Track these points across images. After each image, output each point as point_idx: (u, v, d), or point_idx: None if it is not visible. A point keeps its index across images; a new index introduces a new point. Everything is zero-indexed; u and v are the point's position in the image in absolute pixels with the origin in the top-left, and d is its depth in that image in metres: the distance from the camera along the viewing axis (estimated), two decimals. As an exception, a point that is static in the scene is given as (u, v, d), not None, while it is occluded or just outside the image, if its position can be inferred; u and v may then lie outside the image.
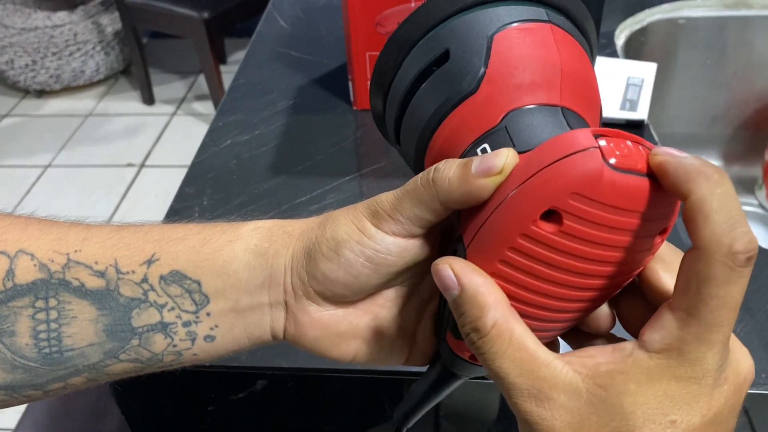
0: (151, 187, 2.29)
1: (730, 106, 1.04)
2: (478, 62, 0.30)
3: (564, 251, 0.26)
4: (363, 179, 0.69)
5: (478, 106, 0.30)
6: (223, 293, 0.33)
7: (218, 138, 0.76)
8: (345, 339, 0.34)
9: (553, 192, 0.25)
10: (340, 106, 0.80)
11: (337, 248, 0.31)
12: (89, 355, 0.33)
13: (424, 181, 0.29)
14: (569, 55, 0.31)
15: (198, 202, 0.66)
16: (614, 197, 0.24)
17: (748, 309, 0.52)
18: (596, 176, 0.24)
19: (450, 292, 0.28)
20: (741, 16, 0.97)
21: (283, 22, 0.99)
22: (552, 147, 0.25)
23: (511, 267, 0.27)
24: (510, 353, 0.26)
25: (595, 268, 0.26)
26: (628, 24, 0.95)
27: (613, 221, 0.25)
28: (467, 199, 0.28)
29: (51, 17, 2.59)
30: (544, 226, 0.25)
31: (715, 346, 0.24)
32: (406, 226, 0.30)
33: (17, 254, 0.33)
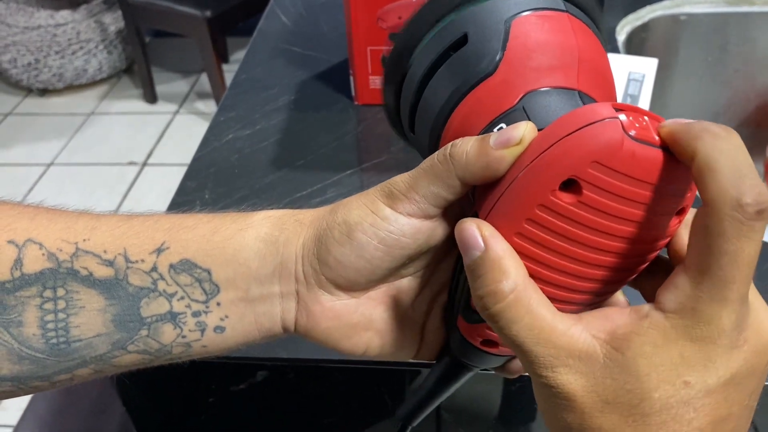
0: (153, 185, 2.30)
1: (731, 103, 1.04)
2: (497, 45, 0.30)
3: (582, 223, 0.25)
4: (364, 174, 0.69)
5: (495, 87, 0.30)
6: (233, 282, 0.33)
7: (220, 133, 0.76)
8: (357, 330, 0.34)
9: (574, 160, 0.25)
10: (342, 101, 0.80)
11: (350, 232, 0.31)
12: (97, 345, 0.33)
13: (441, 157, 0.29)
14: (585, 43, 0.31)
15: (200, 195, 0.67)
16: (633, 167, 0.24)
17: (748, 302, 0.52)
18: (617, 145, 0.24)
19: (471, 252, 0.27)
20: (742, 13, 0.97)
21: (284, 18, 0.99)
22: (572, 117, 0.25)
23: (527, 240, 0.27)
24: (528, 321, 0.26)
25: (612, 244, 0.26)
26: (630, 20, 0.95)
27: (630, 193, 0.25)
28: (485, 172, 0.28)
29: (54, 16, 2.59)
30: (563, 196, 0.25)
31: (730, 304, 0.24)
32: (421, 205, 0.30)
33: (26, 243, 0.32)
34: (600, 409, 0.25)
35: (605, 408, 0.25)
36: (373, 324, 0.34)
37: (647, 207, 0.25)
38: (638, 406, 0.25)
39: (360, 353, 0.34)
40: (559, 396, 0.26)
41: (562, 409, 0.26)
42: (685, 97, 1.04)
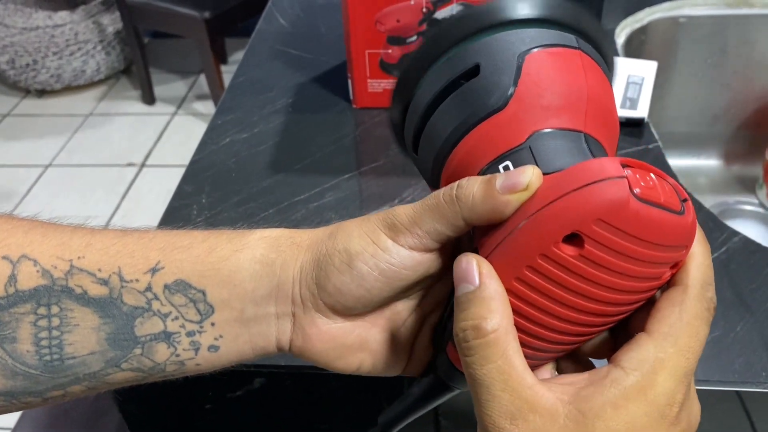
0: (152, 186, 2.29)
1: (731, 106, 1.04)
2: (508, 80, 0.31)
3: (580, 275, 0.26)
4: (362, 177, 0.68)
5: (503, 123, 0.30)
6: (228, 303, 0.33)
7: (217, 136, 0.75)
8: (351, 351, 0.34)
9: (579, 216, 0.25)
10: (340, 104, 0.79)
11: (350, 261, 0.31)
12: (90, 363, 0.32)
13: (447, 197, 0.29)
14: (595, 83, 0.32)
15: (197, 199, 0.66)
16: (637, 227, 0.25)
17: (749, 308, 0.52)
18: (622, 205, 0.25)
19: (464, 285, 0.28)
20: (742, 15, 0.97)
21: (282, 20, 0.99)
22: (580, 172, 0.26)
23: (525, 285, 0.27)
24: (500, 365, 0.26)
25: (606, 295, 0.27)
26: (629, 22, 0.95)
27: (631, 250, 0.26)
28: (491, 215, 0.28)
29: (52, 17, 2.59)
30: (565, 248, 0.26)
31: (684, 377, 0.26)
32: (423, 240, 0.30)
33: (20, 259, 0.32)
34: None
35: None
36: (367, 345, 0.34)
37: (645, 263, 0.26)
38: None
39: (352, 371, 0.35)
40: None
41: None
42: (684, 99, 1.03)
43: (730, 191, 1.05)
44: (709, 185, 1.05)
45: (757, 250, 0.57)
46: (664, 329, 0.26)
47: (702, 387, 0.47)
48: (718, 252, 0.57)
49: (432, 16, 0.71)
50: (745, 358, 0.48)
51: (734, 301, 0.53)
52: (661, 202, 0.26)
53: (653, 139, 0.73)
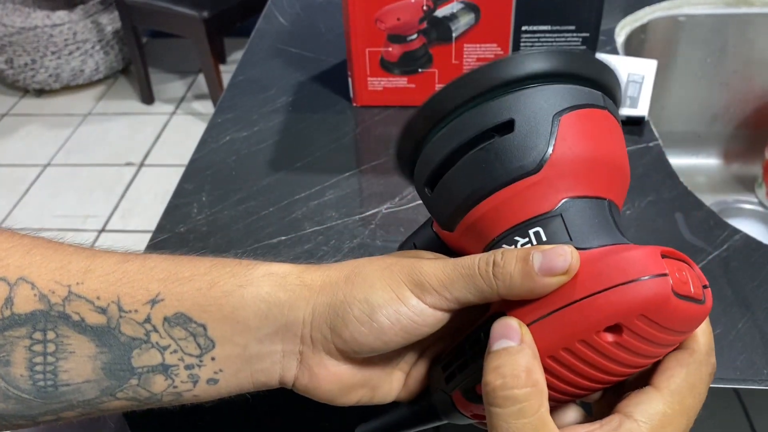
0: (150, 186, 2.29)
1: (730, 105, 1.04)
2: (543, 143, 0.31)
3: (612, 358, 0.28)
4: (362, 175, 0.68)
5: (536, 187, 0.31)
6: (230, 339, 0.32)
7: (217, 134, 0.75)
8: (355, 389, 0.34)
9: (624, 311, 0.27)
10: (340, 103, 0.79)
11: (372, 313, 0.31)
12: (85, 391, 0.32)
13: (484, 273, 0.29)
14: (619, 146, 0.33)
15: (197, 198, 0.66)
16: (671, 321, 0.27)
17: (749, 306, 0.52)
18: (665, 303, 0.27)
19: (504, 341, 0.28)
20: (741, 14, 0.97)
21: (282, 19, 0.99)
22: (625, 265, 0.27)
23: (557, 363, 0.28)
24: (534, 421, 0.27)
25: (628, 371, 0.29)
26: (629, 21, 0.95)
27: (661, 339, 0.28)
28: (529, 295, 0.29)
29: (50, 16, 2.58)
30: (605, 336, 0.27)
31: (684, 429, 0.29)
32: (450, 303, 0.31)
33: (18, 282, 0.32)
34: None
35: None
36: (369, 382, 0.35)
37: (668, 346, 0.29)
38: None
39: (351, 404, 0.35)
40: None
41: None
42: (683, 98, 1.03)
43: (729, 190, 1.05)
44: (709, 184, 1.06)
45: (758, 247, 0.57)
46: (672, 387, 0.29)
47: (703, 384, 0.47)
48: (719, 250, 0.57)
49: (432, 14, 0.71)
50: (746, 356, 0.48)
51: (735, 299, 0.53)
52: (692, 295, 0.27)
53: (653, 137, 0.73)
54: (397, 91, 0.77)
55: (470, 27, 0.72)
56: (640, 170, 0.67)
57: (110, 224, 2.13)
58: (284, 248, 0.60)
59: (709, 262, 0.56)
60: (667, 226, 0.60)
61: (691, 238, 0.59)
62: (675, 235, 0.59)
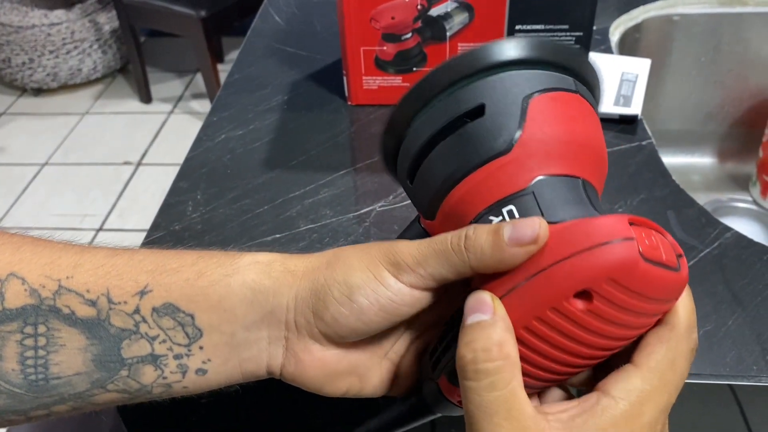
0: (148, 185, 2.29)
1: (725, 104, 1.05)
2: (513, 124, 0.31)
3: (585, 327, 0.28)
4: (357, 174, 0.69)
5: (508, 166, 0.31)
6: (217, 327, 0.33)
7: (212, 133, 0.76)
8: (341, 376, 0.34)
9: (592, 275, 0.27)
10: (335, 102, 0.80)
11: (351, 294, 0.31)
12: (76, 384, 0.32)
13: (456, 247, 0.30)
14: (592, 128, 0.33)
15: (192, 196, 0.66)
16: (642, 285, 0.27)
17: (740, 302, 0.53)
18: (633, 266, 0.27)
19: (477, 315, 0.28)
20: (735, 13, 0.97)
21: (278, 17, 0.99)
22: (592, 230, 0.27)
23: (531, 334, 0.28)
24: (505, 394, 0.27)
25: (606, 343, 0.28)
26: (623, 20, 0.95)
27: (634, 305, 0.27)
28: (499, 266, 0.29)
29: (48, 15, 2.58)
30: (575, 303, 0.27)
31: (665, 410, 0.28)
32: (426, 281, 0.31)
33: (8, 278, 0.32)
34: None
35: None
36: (356, 370, 0.35)
37: (643, 315, 0.28)
38: None
39: (340, 394, 0.35)
40: None
41: None
42: (678, 97, 1.04)
43: (723, 189, 1.05)
44: (703, 183, 1.06)
45: (749, 245, 0.58)
46: (651, 364, 0.28)
47: (694, 381, 0.48)
48: (711, 247, 0.58)
49: (427, 13, 0.71)
50: (736, 352, 0.49)
51: (726, 295, 0.53)
52: (663, 261, 0.27)
53: (647, 136, 0.73)
54: (392, 90, 0.77)
55: (464, 26, 0.72)
56: (632, 168, 0.68)
57: (108, 223, 2.13)
58: (279, 246, 0.60)
59: (700, 259, 0.57)
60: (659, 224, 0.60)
61: (682, 236, 0.59)
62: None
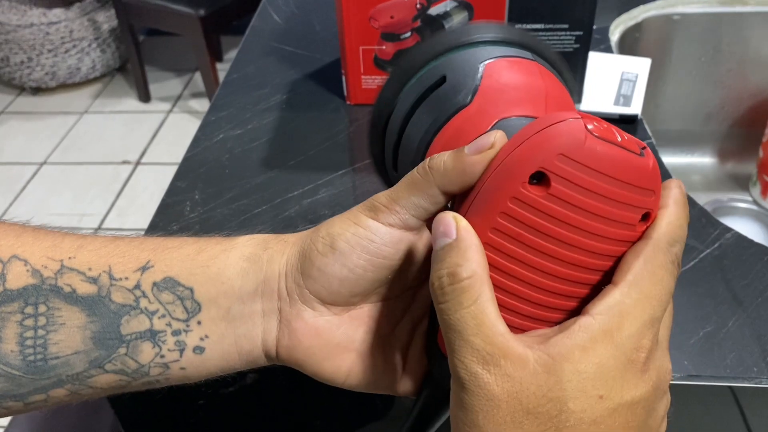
0: (147, 184, 2.29)
1: (725, 103, 1.04)
2: (472, 81, 0.34)
3: (552, 216, 0.27)
4: (356, 174, 0.68)
5: (471, 115, 0.33)
6: (215, 300, 0.33)
7: (211, 132, 0.75)
8: (339, 351, 0.34)
9: (541, 153, 0.27)
10: (334, 101, 0.79)
11: (333, 242, 0.32)
12: (74, 363, 0.32)
13: (421, 169, 0.31)
14: (552, 85, 0.35)
15: (190, 196, 0.66)
16: (597, 161, 0.26)
17: (741, 303, 0.52)
18: (580, 139, 0.26)
19: (442, 239, 0.28)
20: (736, 13, 0.97)
21: (276, 17, 0.99)
22: (539, 121, 0.28)
23: (500, 234, 0.28)
24: (473, 310, 0.27)
25: (580, 239, 0.27)
26: (623, 20, 0.95)
27: (595, 186, 0.27)
28: (462, 178, 0.29)
29: (47, 14, 2.58)
30: (533, 189, 0.27)
31: (651, 323, 0.27)
32: (402, 215, 0.31)
33: (10, 260, 0.32)
34: (519, 419, 0.26)
35: (524, 418, 0.26)
36: (354, 344, 0.34)
37: (613, 202, 0.27)
38: (555, 418, 0.26)
39: (342, 378, 0.34)
40: (480, 397, 0.26)
41: (481, 413, 0.26)
42: (678, 97, 1.04)
43: (723, 189, 1.05)
44: (703, 183, 1.06)
45: (750, 246, 0.58)
46: (629, 278, 0.27)
47: (694, 382, 0.48)
48: (711, 248, 0.58)
49: (426, 12, 0.71)
50: (737, 354, 0.49)
51: (726, 296, 0.53)
52: (618, 142, 0.27)
53: (647, 135, 0.73)
54: (391, 90, 0.77)
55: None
56: (632, 168, 0.68)
57: (107, 222, 2.13)
58: (277, 246, 0.60)
59: (701, 260, 0.56)
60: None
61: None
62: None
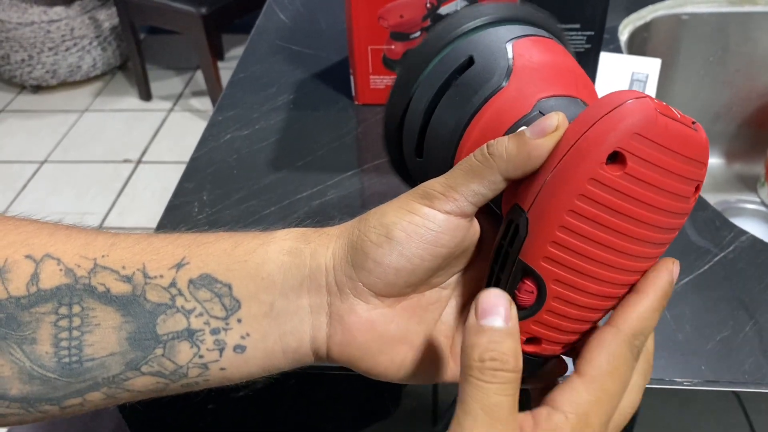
0: (148, 183, 2.28)
1: (733, 103, 1.04)
2: (504, 62, 0.34)
3: (627, 195, 0.27)
4: (364, 174, 0.68)
5: (509, 96, 0.33)
6: (256, 297, 0.32)
7: (218, 133, 0.75)
8: (393, 344, 0.33)
9: (617, 134, 0.27)
10: (341, 101, 0.79)
11: (388, 232, 0.31)
12: (110, 365, 0.31)
13: (480, 156, 0.30)
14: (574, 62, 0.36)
15: (198, 197, 0.66)
16: (667, 139, 0.27)
17: (758, 308, 0.52)
18: (653, 118, 0.27)
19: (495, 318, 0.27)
20: (744, 13, 0.96)
21: (283, 15, 0.98)
22: (606, 100, 0.28)
23: (577, 217, 0.28)
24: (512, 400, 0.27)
25: (650, 215, 0.28)
26: (632, 20, 0.94)
27: (665, 162, 0.27)
28: (526, 163, 0.29)
29: (47, 12, 2.57)
30: (611, 169, 0.27)
31: (609, 419, 0.29)
32: (460, 203, 0.30)
33: (43, 258, 0.31)
34: None
35: None
36: (407, 336, 0.33)
37: (677, 177, 0.28)
38: None
39: (395, 370, 0.33)
40: None
41: None
42: (686, 97, 1.03)
43: (731, 190, 1.04)
44: (711, 184, 1.05)
45: (765, 249, 0.57)
46: (593, 372, 0.28)
47: (711, 388, 0.47)
48: (726, 251, 0.57)
49: (436, 12, 0.70)
50: (754, 359, 0.48)
51: (742, 301, 0.52)
52: (678, 119, 0.28)
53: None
54: (400, 90, 0.76)
55: (474, 25, 0.71)
56: (644, 170, 0.67)
57: (108, 221, 2.12)
58: (286, 248, 0.59)
59: (715, 263, 0.56)
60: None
61: (697, 239, 0.58)
62: (681, 236, 0.58)
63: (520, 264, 0.29)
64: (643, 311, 0.29)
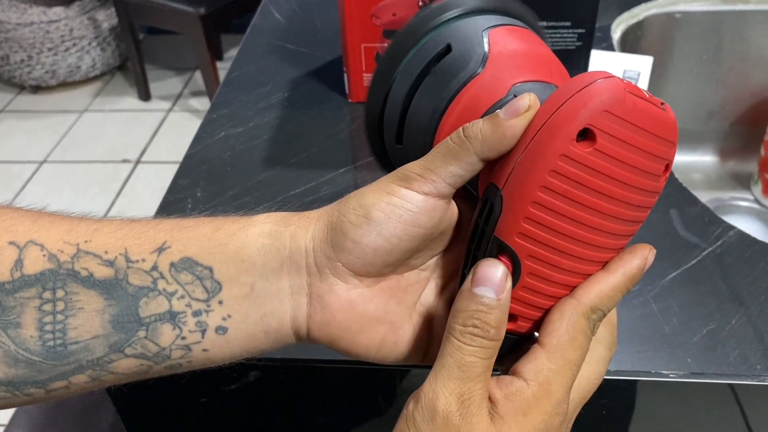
0: (147, 183, 2.29)
1: (726, 102, 1.04)
2: (480, 49, 0.35)
3: (597, 171, 0.28)
4: (357, 171, 0.68)
5: (485, 83, 0.34)
6: (236, 279, 0.32)
7: (212, 130, 0.75)
8: (372, 323, 0.34)
9: (587, 111, 0.28)
10: (335, 99, 0.79)
11: (367, 213, 0.31)
12: (93, 348, 0.32)
13: (457, 139, 0.31)
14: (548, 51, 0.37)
15: (191, 194, 0.66)
16: (636, 117, 0.28)
17: (744, 301, 0.52)
18: (622, 96, 0.28)
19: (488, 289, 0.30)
20: (737, 11, 0.97)
21: (278, 14, 0.98)
22: (577, 81, 0.29)
23: (549, 192, 0.29)
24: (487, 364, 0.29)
25: (620, 192, 0.29)
26: (624, 18, 0.95)
27: (637, 141, 0.28)
28: (501, 143, 0.30)
29: (47, 12, 2.58)
30: (580, 146, 0.28)
31: (570, 388, 0.30)
32: (438, 184, 0.31)
33: (27, 245, 0.32)
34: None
35: None
36: (387, 316, 0.34)
37: (646, 154, 0.29)
38: None
39: (375, 350, 0.34)
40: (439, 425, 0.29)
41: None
42: (679, 95, 1.03)
43: (725, 187, 1.05)
44: (704, 181, 1.06)
45: (753, 244, 0.58)
46: (554, 341, 0.30)
47: (697, 380, 0.47)
48: (714, 246, 0.57)
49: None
50: (740, 351, 0.49)
51: (729, 294, 0.53)
52: (647, 98, 0.29)
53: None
54: (393, 87, 0.77)
55: (466, 23, 0.72)
56: (635, 166, 0.67)
57: (107, 221, 2.13)
58: (279, 244, 0.60)
59: (703, 258, 0.56)
60: (661, 223, 0.60)
61: (685, 234, 0.59)
62: (669, 231, 0.59)
63: (495, 241, 0.30)
64: (606, 289, 0.31)
